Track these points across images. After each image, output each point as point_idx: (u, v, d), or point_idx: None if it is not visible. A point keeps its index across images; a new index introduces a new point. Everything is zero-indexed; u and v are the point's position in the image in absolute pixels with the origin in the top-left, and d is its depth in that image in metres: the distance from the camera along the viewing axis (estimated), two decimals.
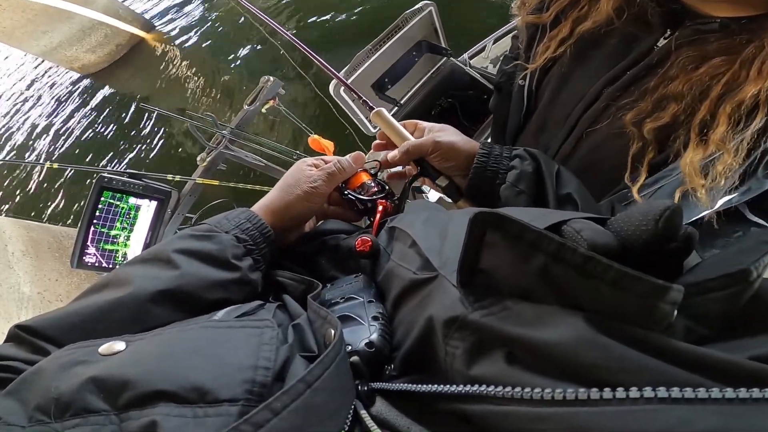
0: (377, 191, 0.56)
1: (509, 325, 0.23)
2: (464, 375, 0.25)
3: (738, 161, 0.45)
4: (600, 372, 0.19)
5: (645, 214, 0.24)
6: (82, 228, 1.37)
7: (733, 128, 0.46)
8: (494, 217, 0.24)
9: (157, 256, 0.41)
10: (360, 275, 0.43)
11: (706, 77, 0.48)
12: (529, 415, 0.20)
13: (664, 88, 0.51)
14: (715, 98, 0.47)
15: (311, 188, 0.51)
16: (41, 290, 2.17)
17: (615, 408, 0.18)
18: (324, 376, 0.24)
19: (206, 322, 0.34)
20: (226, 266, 0.43)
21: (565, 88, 0.63)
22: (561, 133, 0.63)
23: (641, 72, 0.54)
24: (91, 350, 0.29)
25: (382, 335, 0.33)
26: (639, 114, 0.53)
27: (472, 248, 0.26)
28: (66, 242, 2.53)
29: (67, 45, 7.00)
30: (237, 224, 0.46)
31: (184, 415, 0.23)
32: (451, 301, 0.27)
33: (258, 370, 0.26)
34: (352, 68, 1.37)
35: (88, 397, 0.24)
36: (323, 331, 0.32)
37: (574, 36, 0.60)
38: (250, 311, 0.37)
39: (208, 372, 0.26)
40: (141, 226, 1.42)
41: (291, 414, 0.22)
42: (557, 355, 0.21)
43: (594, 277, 0.21)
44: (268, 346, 0.29)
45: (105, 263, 1.42)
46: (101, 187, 1.36)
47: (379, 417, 0.27)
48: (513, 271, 0.24)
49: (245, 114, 1.44)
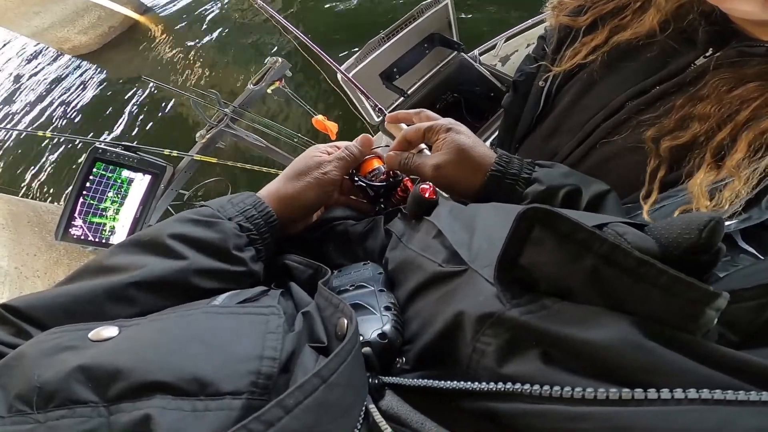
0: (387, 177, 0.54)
1: (550, 324, 0.23)
2: (494, 372, 0.24)
3: (747, 189, 0.45)
4: (644, 374, 0.19)
5: (688, 223, 0.24)
6: (70, 199, 1.32)
7: (751, 156, 0.45)
8: (546, 213, 0.23)
9: (154, 240, 0.38)
10: (369, 263, 0.41)
11: (737, 100, 0.48)
12: (568, 413, 0.20)
13: (691, 108, 0.50)
14: (741, 123, 0.47)
15: (322, 175, 0.48)
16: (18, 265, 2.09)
17: (659, 408, 0.18)
18: (340, 370, 0.23)
19: (207, 307, 0.32)
20: (227, 258, 0.40)
21: (587, 95, 0.62)
22: (574, 140, 0.62)
23: (672, 88, 0.53)
24: (80, 335, 0.27)
25: (395, 326, 0.31)
26: (660, 131, 0.52)
27: (515, 243, 0.25)
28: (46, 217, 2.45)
29: (59, 26, 6.90)
30: (241, 210, 0.43)
31: (182, 409, 0.22)
32: (485, 297, 0.26)
33: (263, 361, 0.25)
34: (363, 55, 1.35)
35: (74, 387, 0.22)
36: (335, 320, 0.30)
37: (608, 45, 0.59)
38: (252, 297, 0.35)
39: (209, 362, 0.24)
40: (132, 200, 1.37)
41: (304, 412, 0.20)
42: (600, 356, 0.21)
43: (645, 281, 0.21)
44: (274, 334, 0.27)
45: (91, 236, 1.37)
46: (94, 158, 1.32)
47: (388, 412, 0.26)
48: (559, 270, 0.24)
49: (250, 93, 1.42)
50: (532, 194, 0.46)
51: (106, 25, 7.10)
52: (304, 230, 0.51)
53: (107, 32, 7.15)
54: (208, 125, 1.40)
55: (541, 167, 0.48)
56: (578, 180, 0.47)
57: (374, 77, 1.40)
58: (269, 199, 0.46)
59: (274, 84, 1.41)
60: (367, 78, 1.39)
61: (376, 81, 1.40)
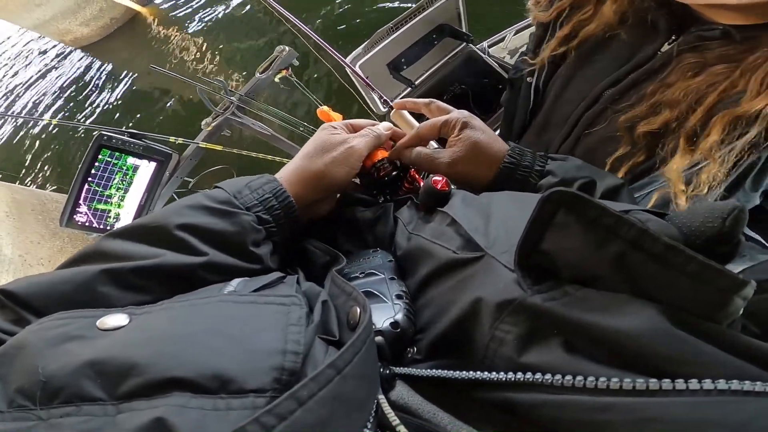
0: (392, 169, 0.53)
1: (574, 311, 0.22)
2: (513, 362, 0.23)
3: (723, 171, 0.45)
4: (671, 364, 0.19)
5: (711, 211, 0.23)
6: (75, 186, 1.32)
7: (725, 139, 0.45)
8: (571, 197, 0.22)
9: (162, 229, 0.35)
10: (378, 250, 0.40)
11: (704, 85, 0.48)
12: (592, 404, 0.19)
13: (660, 94, 0.51)
14: (710, 106, 0.47)
15: (349, 149, 0.45)
16: (23, 253, 2.09)
17: (687, 399, 0.17)
18: (354, 361, 0.22)
19: (224, 295, 0.30)
20: (243, 254, 0.36)
21: (568, 89, 0.63)
22: (561, 133, 0.63)
23: (642, 76, 0.54)
24: (87, 323, 0.25)
25: (407, 315, 0.30)
26: (633, 118, 0.52)
27: (537, 227, 0.24)
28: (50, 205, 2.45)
29: (61, 18, 6.87)
30: (260, 198, 0.39)
31: (203, 407, 0.20)
32: (504, 283, 0.26)
33: (287, 355, 0.23)
34: (370, 45, 1.34)
35: (83, 383, 0.20)
36: (347, 308, 0.29)
37: (578, 37, 0.60)
38: (269, 284, 0.32)
39: (231, 356, 0.23)
40: (137, 187, 1.37)
41: (318, 404, 0.19)
42: (626, 345, 0.20)
43: (673, 268, 0.20)
44: (296, 327, 0.25)
45: (96, 223, 1.37)
46: (99, 145, 1.31)
47: (398, 402, 0.26)
48: (583, 256, 0.23)
49: (256, 82, 1.41)
50: (546, 186, 0.46)
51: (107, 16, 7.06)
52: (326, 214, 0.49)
53: (109, 24, 7.12)
54: (213, 113, 1.40)
55: (554, 160, 0.48)
56: (592, 173, 0.47)
57: (382, 67, 1.39)
58: (291, 182, 0.43)
59: (281, 72, 1.40)
60: (375, 68, 1.38)
61: (383, 71, 1.40)
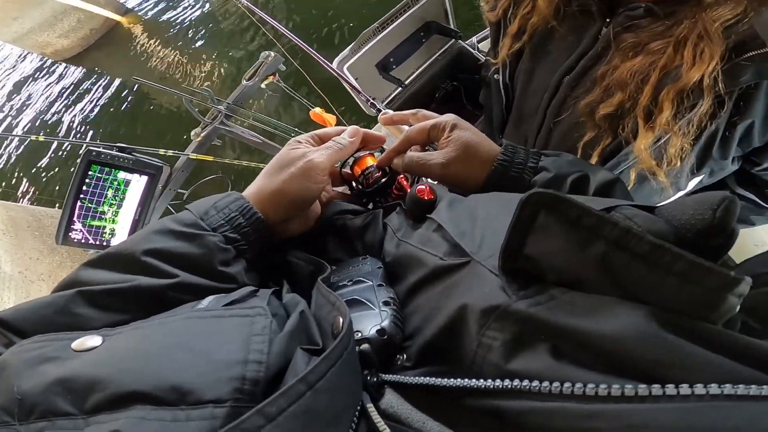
0: (381, 176, 0.53)
1: (560, 316, 0.22)
2: (500, 369, 0.23)
3: (688, 142, 0.46)
4: (661, 369, 0.18)
5: (700, 203, 0.23)
6: (68, 203, 1.31)
7: (678, 112, 0.46)
8: (551, 198, 0.22)
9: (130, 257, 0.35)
10: (368, 257, 0.40)
11: (645, 63, 0.48)
12: (579, 411, 0.19)
13: (609, 77, 0.51)
14: (655, 83, 0.47)
15: (306, 163, 0.43)
16: (22, 269, 2.09)
17: (678, 405, 0.17)
18: (327, 375, 0.22)
19: (191, 312, 0.30)
20: (212, 275, 0.37)
21: (532, 81, 0.64)
22: (535, 124, 0.64)
23: (590, 62, 0.55)
24: (63, 345, 0.26)
25: (394, 322, 0.30)
26: (591, 103, 0.53)
27: (518, 231, 0.24)
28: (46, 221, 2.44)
29: (39, 30, 6.81)
30: (226, 218, 0.39)
31: (163, 419, 0.21)
32: (490, 288, 0.25)
33: (248, 365, 0.24)
34: (357, 46, 1.32)
35: (53, 399, 0.22)
36: (331, 318, 0.29)
37: (528, 31, 0.61)
38: (240, 299, 0.33)
39: (190, 369, 0.23)
40: (130, 202, 1.36)
41: (288, 420, 0.19)
42: (614, 349, 0.19)
43: (659, 268, 0.20)
44: (259, 336, 0.26)
45: (92, 240, 1.37)
46: (89, 161, 1.31)
47: (387, 411, 0.25)
48: (566, 258, 0.23)
49: (243, 89, 1.39)
50: (541, 182, 0.46)
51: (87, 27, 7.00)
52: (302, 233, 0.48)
53: (89, 35, 7.05)
54: (202, 123, 1.38)
55: (547, 156, 0.48)
56: (585, 167, 0.47)
57: (370, 68, 1.37)
58: (255, 201, 0.42)
59: (267, 78, 1.39)
60: (363, 69, 1.36)
61: (372, 72, 1.38)
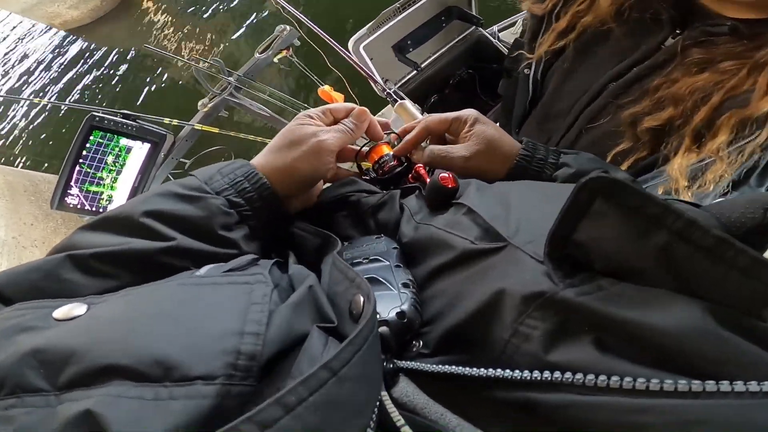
0: (397, 164, 0.53)
1: (610, 306, 0.21)
2: (538, 359, 0.22)
3: (731, 171, 0.44)
4: (714, 365, 0.18)
5: (752, 202, 0.23)
6: (66, 167, 1.28)
7: (732, 140, 0.43)
8: (612, 183, 0.21)
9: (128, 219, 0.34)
10: (382, 236, 0.38)
11: (710, 82, 0.46)
12: (628, 406, 0.18)
13: (665, 90, 0.49)
14: (716, 105, 0.45)
15: (318, 143, 0.42)
16: (16, 234, 2.05)
17: (731, 401, 0.17)
18: (353, 361, 0.20)
19: (186, 278, 0.28)
20: (212, 239, 0.35)
21: (568, 82, 0.62)
22: (563, 125, 0.62)
23: (645, 71, 0.52)
24: (44, 313, 0.24)
25: (414, 305, 0.29)
26: (636, 113, 0.51)
27: (571, 216, 0.22)
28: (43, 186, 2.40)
29: (49, 1, 6.67)
30: (231, 182, 0.38)
31: (142, 397, 0.18)
32: (532, 275, 0.24)
33: (244, 337, 0.21)
34: (376, 25, 1.28)
35: (25, 373, 0.20)
36: (349, 296, 0.27)
37: (576, 29, 0.58)
38: (240, 267, 0.31)
39: (177, 340, 0.21)
40: (130, 169, 1.33)
41: (308, 410, 0.17)
42: (666, 343, 0.19)
43: (724, 262, 0.19)
44: (258, 305, 0.23)
45: (88, 206, 1.33)
46: (91, 126, 1.27)
47: (401, 400, 0.24)
48: (622, 247, 0.22)
49: (255, 62, 1.35)
50: (562, 177, 0.45)
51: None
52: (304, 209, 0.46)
53: (99, 6, 6.92)
54: (211, 93, 1.34)
55: (567, 154, 0.48)
56: (605, 166, 0.46)
57: (387, 49, 1.33)
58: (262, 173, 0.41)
59: (281, 53, 1.35)
60: (380, 50, 1.32)
61: (388, 53, 1.34)
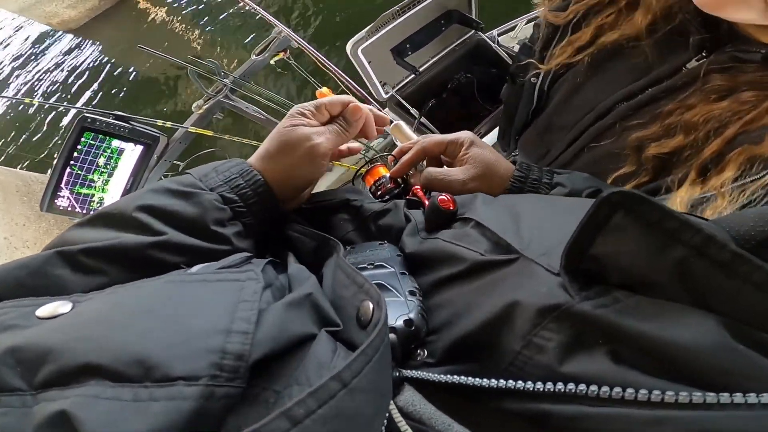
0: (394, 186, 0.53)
1: (626, 319, 0.21)
2: (551, 370, 0.22)
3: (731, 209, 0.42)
4: (727, 377, 0.18)
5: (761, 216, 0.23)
6: (56, 169, 1.25)
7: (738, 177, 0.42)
8: (633, 198, 0.21)
9: (121, 213, 0.34)
10: (385, 243, 0.38)
11: (728, 112, 0.43)
12: (644, 417, 0.18)
13: (678, 116, 0.47)
14: (729, 138, 0.43)
15: (311, 148, 0.40)
16: (8, 235, 2.03)
17: (744, 413, 0.17)
18: (365, 372, 0.19)
19: (175, 275, 0.28)
20: (205, 234, 0.34)
21: (576, 96, 0.60)
22: (564, 140, 0.61)
23: (661, 93, 0.50)
24: (26, 311, 0.23)
25: (421, 314, 0.29)
26: (643, 138, 0.49)
27: (589, 230, 0.23)
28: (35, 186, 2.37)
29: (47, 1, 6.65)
30: (226, 179, 0.38)
31: (120, 398, 0.18)
32: (548, 287, 0.24)
33: (231, 336, 0.21)
34: (375, 28, 1.27)
35: (3, 372, 0.19)
36: (356, 302, 0.26)
37: (595, 45, 0.56)
38: (232, 265, 0.30)
39: (159, 338, 0.20)
40: (122, 171, 1.30)
41: (316, 423, 0.17)
42: (683, 357, 0.19)
43: (738, 276, 0.19)
44: (248, 303, 0.23)
45: (78, 208, 1.31)
46: (82, 128, 1.25)
47: (406, 409, 0.24)
48: (639, 261, 0.22)
49: (251, 64, 1.33)
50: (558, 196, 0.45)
51: None
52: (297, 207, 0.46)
53: (97, 5, 6.93)
54: (205, 95, 1.32)
55: (560, 174, 0.47)
56: (599, 184, 0.46)
57: (385, 52, 1.32)
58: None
59: (278, 55, 1.33)
60: (378, 53, 1.31)
61: (387, 56, 1.32)
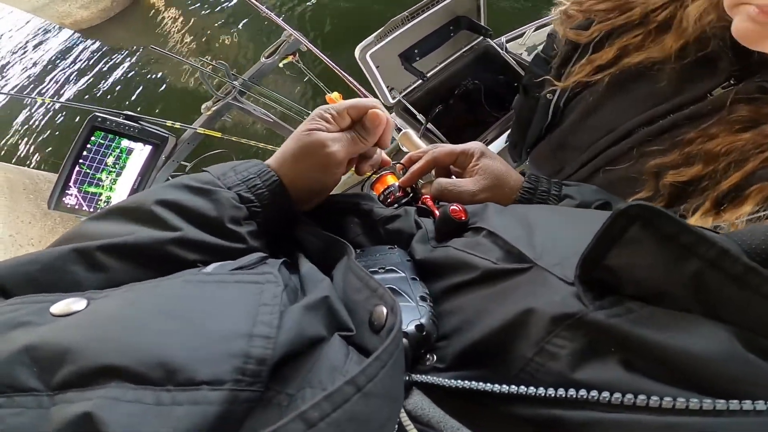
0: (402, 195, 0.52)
1: (640, 329, 0.21)
2: (563, 377, 0.22)
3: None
4: (737, 385, 0.19)
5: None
6: (65, 167, 1.27)
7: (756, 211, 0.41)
8: (649, 211, 0.22)
9: (140, 207, 0.34)
10: (395, 248, 0.38)
11: (750, 145, 0.43)
12: (655, 424, 0.19)
13: (699, 145, 0.46)
14: (749, 171, 0.42)
15: (327, 155, 0.40)
16: (13, 232, 2.03)
17: (753, 419, 0.18)
18: (379, 377, 0.19)
19: (191, 275, 0.28)
20: (221, 232, 0.35)
21: (594, 116, 0.59)
22: (579, 160, 0.60)
23: (683, 120, 0.49)
24: (40, 308, 0.23)
25: (432, 319, 0.29)
26: (662, 165, 0.49)
27: (605, 241, 0.23)
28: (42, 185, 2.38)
29: (60, 1, 6.70)
30: (244, 179, 0.38)
31: (143, 401, 0.18)
32: (562, 296, 0.25)
33: (254, 340, 0.21)
34: (383, 33, 1.27)
35: (18, 371, 0.19)
36: (369, 306, 0.26)
37: (617, 66, 0.54)
38: (248, 265, 0.30)
39: (182, 341, 0.20)
40: (130, 171, 1.31)
41: (331, 427, 0.17)
42: (695, 366, 0.20)
43: (749, 289, 0.20)
44: (268, 307, 0.23)
45: (86, 206, 1.32)
46: (93, 127, 1.26)
47: (415, 413, 0.24)
48: (653, 273, 0.22)
49: (261, 66, 1.34)
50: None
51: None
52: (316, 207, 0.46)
53: (110, 6, 6.97)
54: (215, 97, 1.33)
55: (569, 186, 0.47)
56: (607, 197, 0.46)
57: (393, 57, 1.33)
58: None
59: (287, 58, 1.34)
60: (386, 58, 1.32)
61: (395, 61, 1.33)
